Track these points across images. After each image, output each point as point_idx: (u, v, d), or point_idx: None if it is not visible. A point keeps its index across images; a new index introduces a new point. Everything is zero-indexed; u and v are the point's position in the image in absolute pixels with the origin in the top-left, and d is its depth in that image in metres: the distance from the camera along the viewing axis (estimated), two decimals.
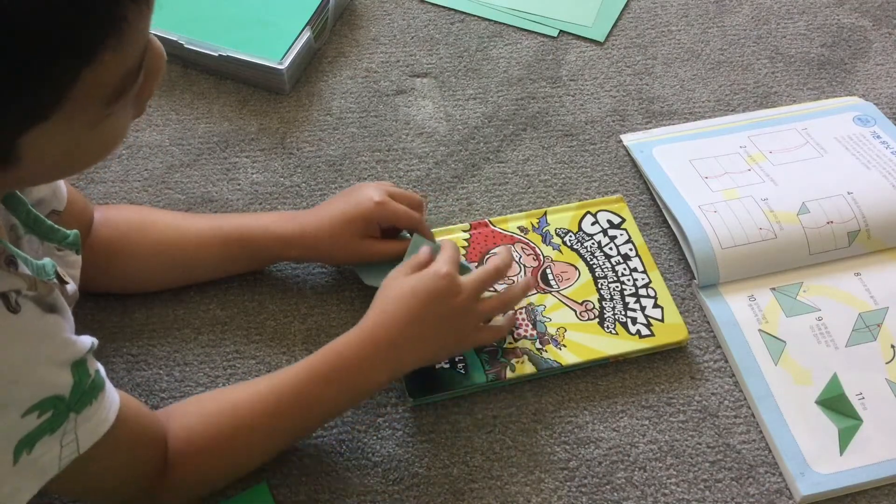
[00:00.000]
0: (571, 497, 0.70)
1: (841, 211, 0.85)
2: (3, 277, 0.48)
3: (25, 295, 0.49)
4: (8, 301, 0.48)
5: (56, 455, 0.52)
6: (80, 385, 0.53)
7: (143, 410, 0.62)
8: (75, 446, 0.53)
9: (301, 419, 0.67)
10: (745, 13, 1.10)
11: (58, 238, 0.61)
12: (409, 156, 0.93)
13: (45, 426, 0.51)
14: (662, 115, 0.98)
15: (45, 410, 0.50)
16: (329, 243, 0.77)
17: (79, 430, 0.53)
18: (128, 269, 0.77)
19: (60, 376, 0.52)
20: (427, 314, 0.68)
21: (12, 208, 0.58)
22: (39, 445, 0.51)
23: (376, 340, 0.67)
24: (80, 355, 0.53)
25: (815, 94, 1.01)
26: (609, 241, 0.85)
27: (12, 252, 0.51)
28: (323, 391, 0.66)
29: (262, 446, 0.67)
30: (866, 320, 0.80)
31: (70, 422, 0.52)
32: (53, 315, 0.52)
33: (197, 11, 1.00)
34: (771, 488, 0.71)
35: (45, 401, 0.50)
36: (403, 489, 0.70)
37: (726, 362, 0.78)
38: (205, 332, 0.78)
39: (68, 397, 0.52)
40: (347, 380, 0.67)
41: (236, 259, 0.79)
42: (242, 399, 0.66)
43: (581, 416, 0.74)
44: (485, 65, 1.02)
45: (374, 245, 0.77)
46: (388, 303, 0.69)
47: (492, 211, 0.89)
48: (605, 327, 0.79)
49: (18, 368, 0.49)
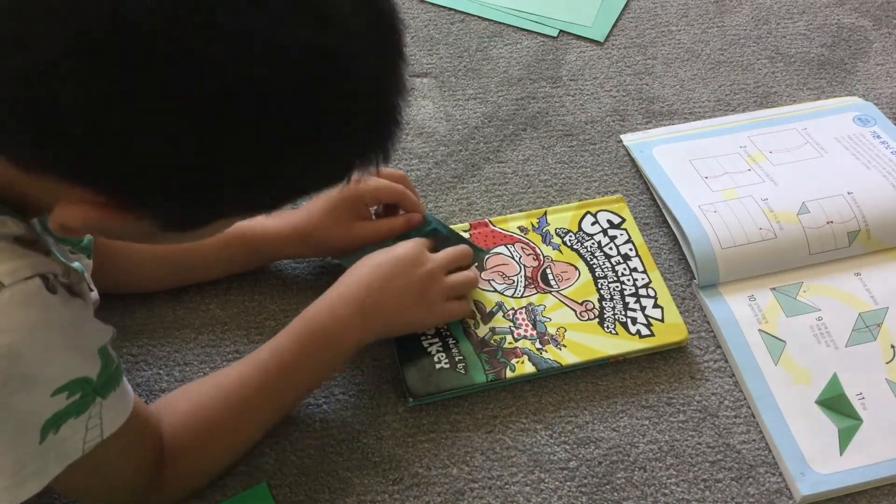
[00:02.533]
0: (571, 497, 0.70)
1: (841, 211, 0.85)
2: (43, 261, 0.49)
3: (61, 280, 0.50)
4: (48, 281, 0.48)
5: (81, 438, 0.53)
6: (106, 369, 0.53)
7: (141, 404, 0.63)
8: (99, 431, 0.54)
9: (286, 390, 0.69)
10: (745, 13, 1.10)
11: (72, 241, 0.62)
12: (409, 156, 0.93)
13: (72, 408, 0.51)
14: (662, 115, 0.98)
15: (74, 392, 0.51)
16: (321, 232, 0.78)
17: (104, 415, 0.54)
18: (128, 269, 0.77)
19: (89, 359, 0.52)
20: (393, 278, 0.72)
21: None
22: (65, 427, 0.51)
23: (346, 303, 0.70)
24: (106, 340, 0.54)
25: (815, 94, 1.01)
26: (609, 241, 0.85)
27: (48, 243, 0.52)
28: (301, 364, 0.68)
29: (254, 422, 0.68)
30: (866, 320, 0.80)
31: (96, 406, 0.53)
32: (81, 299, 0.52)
33: None
34: (771, 488, 0.71)
35: (73, 382, 0.51)
36: (403, 489, 0.70)
37: (726, 362, 0.78)
38: (205, 332, 0.78)
39: (95, 380, 0.52)
40: (324, 349, 0.69)
41: (236, 258, 0.79)
42: (229, 380, 0.67)
43: (581, 416, 0.74)
44: (485, 65, 1.02)
45: (364, 226, 0.78)
46: (357, 270, 0.72)
47: (492, 211, 0.89)
48: (605, 327, 0.78)
49: (52, 348, 0.49)
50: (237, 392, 0.66)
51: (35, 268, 0.48)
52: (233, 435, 0.67)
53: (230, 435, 0.67)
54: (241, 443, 0.68)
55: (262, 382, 0.67)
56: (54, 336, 0.49)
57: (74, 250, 0.63)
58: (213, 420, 0.66)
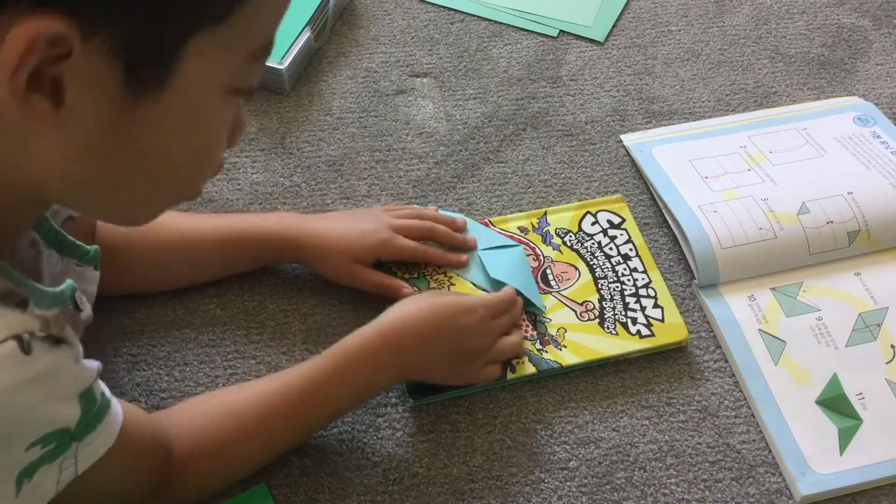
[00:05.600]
0: (571, 497, 0.70)
1: (841, 211, 0.85)
2: (18, 319, 0.47)
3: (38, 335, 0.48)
4: (22, 343, 0.46)
5: (54, 480, 0.52)
6: (86, 414, 0.52)
7: (146, 421, 0.62)
8: (73, 469, 0.53)
9: (306, 420, 0.67)
10: (745, 13, 1.10)
11: (79, 254, 0.61)
12: (409, 156, 0.93)
13: (46, 456, 0.50)
14: (662, 115, 0.98)
15: (49, 443, 0.50)
16: (324, 259, 0.78)
17: (79, 455, 0.53)
18: (128, 269, 0.76)
19: (67, 410, 0.51)
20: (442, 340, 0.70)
21: (35, 225, 0.57)
22: (39, 473, 0.50)
23: (388, 342, 0.68)
24: (87, 385, 0.52)
25: (815, 94, 1.01)
26: (609, 241, 0.85)
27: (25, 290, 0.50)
28: (329, 392, 0.67)
29: (268, 446, 0.67)
30: (866, 320, 0.80)
31: (70, 449, 0.52)
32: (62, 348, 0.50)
33: None
34: (771, 488, 0.71)
35: (49, 435, 0.49)
36: (403, 489, 0.70)
37: (726, 362, 0.78)
38: (205, 332, 0.78)
39: (73, 429, 0.51)
40: (353, 381, 0.67)
41: (235, 260, 0.79)
42: (248, 400, 0.66)
43: (581, 416, 0.74)
44: (485, 65, 1.02)
45: (362, 272, 0.78)
46: (409, 309, 0.70)
47: (492, 211, 0.89)
48: (606, 327, 0.78)
49: (27, 409, 0.48)
50: (255, 416, 0.65)
51: (9, 328, 0.46)
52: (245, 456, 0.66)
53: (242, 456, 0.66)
54: (252, 465, 0.67)
55: (282, 410, 0.65)
56: (28, 396, 0.47)
57: (81, 263, 0.61)
58: (228, 439, 0.64)
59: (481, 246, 0.82)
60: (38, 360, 0.48)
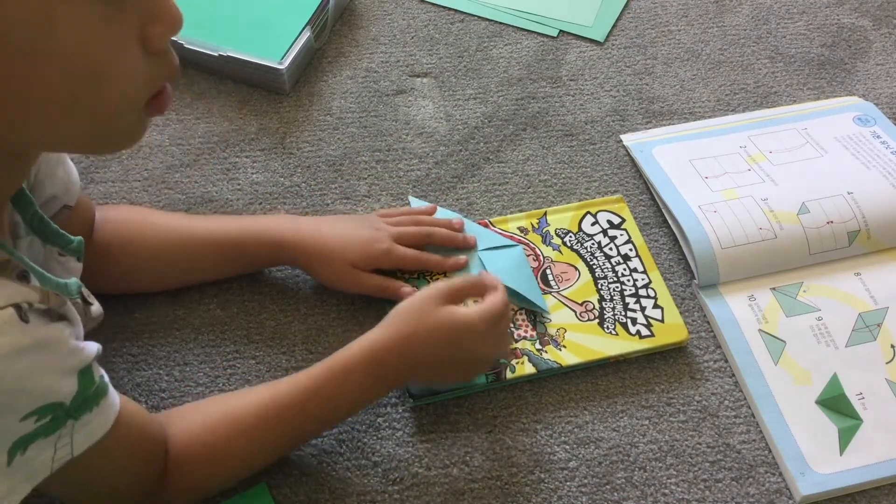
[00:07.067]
0: (571, 497, 0.70)
1: (841, 211, 0.85)
2: (18, 290, 0.48)
3: (37, 308, 0.49)
4: (21, 311, 0.48)
5: (49, 457, 0.52)
6: (83, 392, 0.52)
7: (143, 414, 0.62)
8: (69, 449, 0.53)
9: (302, 428, 0.67)
10: (745, 13, 1.10)
11: (62, 242, 0.61)
12: (409, 156, 0.93)
13: (41, 430, 0.50)
14: (662, 115, 0.98)
15: (44, 416, 0.50)
16: (323, 265, 0.77)
17: (75, 435, 0.53)
18: (126, 270, 0.76)
19: (64, 384, 0.51)
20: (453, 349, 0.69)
21: (19, 208, 0.57)
22: (33, 447, 0.51)
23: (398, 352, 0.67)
24: (87, 363, 0.53)
25: (815, 94, 1.01)
26: (609, 241, 0.85)
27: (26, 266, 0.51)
28: (326, 401, 0.66)
29: (261, 453, 0.67)
30: (866, 320, 0.80)
31: (67, 427, 0.52)
32: (61, 323, 0.52)
33: (197, 11, 1.00)
34: (771, 488, 0.71)
35: (44, 407, 0.50)
36: (403, 489, 0.70)
37: (726, 362, 0.78)
38: (205, 332, 0.78)
39: (69, 404, 0.52)
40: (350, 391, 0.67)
41: (231, 263, 0.79)
42: (245, 406, 0.65)
43: (581, 416, 0.74)
44: (485, 65, 1.02)
45: (360, 276, 0.78)
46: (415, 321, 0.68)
47: (492, 211, 0.89)
48: (605, 328, 0.78)
49: (23, 378, 0.48)
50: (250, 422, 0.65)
51: (9, 298, 0.47)
52: (238, 461, 0.66)
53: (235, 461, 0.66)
54: (244, 470, 0.67)
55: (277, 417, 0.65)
56: (26, 364, 0.48)
57: (63, 252, 0.61)
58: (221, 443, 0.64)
59: (481, 246, 0.82)
60: (36, 330, 0.49)
